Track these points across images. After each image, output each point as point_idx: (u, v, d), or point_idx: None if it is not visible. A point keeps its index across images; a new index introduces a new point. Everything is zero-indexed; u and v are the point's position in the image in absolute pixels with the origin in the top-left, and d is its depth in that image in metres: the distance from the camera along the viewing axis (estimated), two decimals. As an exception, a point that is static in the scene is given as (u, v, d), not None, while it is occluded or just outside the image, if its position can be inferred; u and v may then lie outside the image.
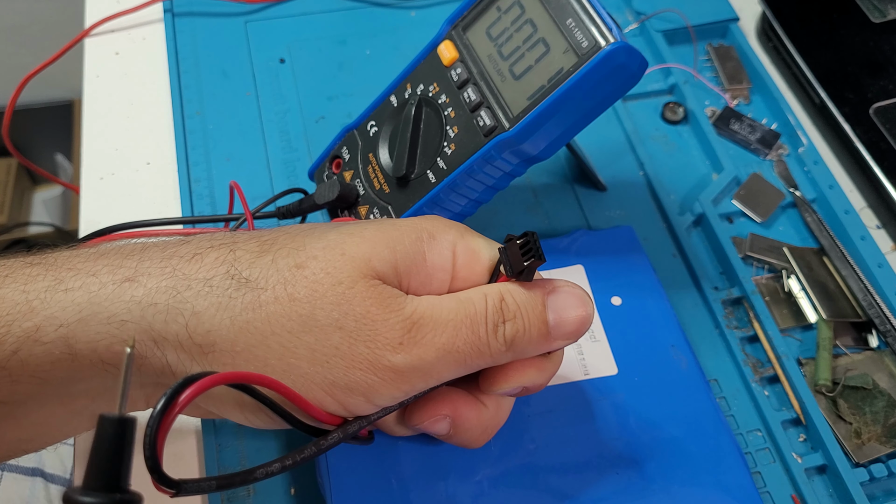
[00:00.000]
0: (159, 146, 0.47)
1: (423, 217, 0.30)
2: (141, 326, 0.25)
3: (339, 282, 0.25)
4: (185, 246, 0.27)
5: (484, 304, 0.27)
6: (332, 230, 0.27)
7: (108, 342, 0.25)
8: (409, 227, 0.28)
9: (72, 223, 1.20)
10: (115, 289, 0.25)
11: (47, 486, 0.44)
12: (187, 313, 0.25)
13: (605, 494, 0.34)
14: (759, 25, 0.55)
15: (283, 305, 0.25)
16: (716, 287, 0.43)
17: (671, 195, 0.47)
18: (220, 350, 0.25)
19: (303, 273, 0.26)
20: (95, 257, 0.26)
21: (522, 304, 0.28)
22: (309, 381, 0.25)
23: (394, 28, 0.53)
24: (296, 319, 0.25)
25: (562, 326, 0.28)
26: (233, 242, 0.27)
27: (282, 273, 0.26)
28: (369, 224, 0.28)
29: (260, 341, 0.25)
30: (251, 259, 0.26)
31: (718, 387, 0.40)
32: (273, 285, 0.25)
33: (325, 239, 0.27)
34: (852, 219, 0.45)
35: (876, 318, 0.42)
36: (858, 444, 0.38)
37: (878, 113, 0.48)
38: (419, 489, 0.33)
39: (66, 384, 0.26)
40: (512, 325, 0.27)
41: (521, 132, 0.34)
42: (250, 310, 0.25)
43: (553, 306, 0.28)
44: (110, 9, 0.53)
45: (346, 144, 0.40)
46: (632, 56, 0.32)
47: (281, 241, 0.27)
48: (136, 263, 0.26)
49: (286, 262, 0.26)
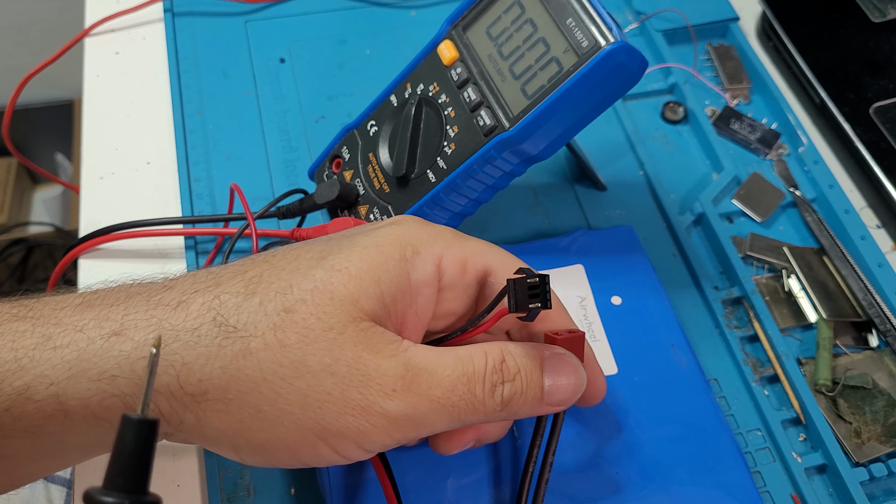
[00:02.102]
0: (159, 146, 0.47)
1: (409, 226, 0.29)
2: (132, 381, 0.25)
3: (330, 327, 0.25)
4: (169, 293, 0.26)
5: (483, 362, 0.27)
6: (319, 265, 0.27)
7: (99, 398, 0.25)
8: (392, 247, 0.28)
9: (72, 223, 1.20)
10: (104, 343, 0.25)
11: (47, 486, 0.44)
12: (178, 365, 0.25)
13: (605, 494, 0.34)
14: (759, 25, 0.55)
15: (273, 352, 0.25)
16: (716, 287, 0.43)
17: (671, 195, 0.47)
18: (213, 398, 0.25)
19: (292, 318, 0.25)
20: (82, 309, 0.26)
21: (523, 366, 0.28)
22: (301, 427, 0.25)
23: (394, 28, 0.53)
24: (287, 366, 0.25)
25: (555, 394, 0.28)
26: (217, 285, 0.27)
27: (270, 318, 0.25)
28: (354, 252, 0.27)
29: (252, 388, 0.25)
30: (238, 302, 0.26)
31: (718, 386, 0.40)
32: (263, 332, 0.25)
33: (313, 279, 0.26)
34: (852, 218, 0.45)
35: (876, 317, 0.42)
36: (858, 444, 0.38)
37: (878, 113, 0.48)
38: (419, 489, 0.33)
39: (60, 438, 0.26)
40: (511, 387, 0.27)
41: (521, 132, 0.34)
42: (241, 357, 0.25)
43: (549, 372, 0.28)
44: (110, 8, 0.53)
45: (346, 144, 0.40)
46: (632, 56, 0.32)
47: (266, 278, 0.26)
48: (122, 315, 0.26)
49: (274, 305, 0.26)
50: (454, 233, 0.30)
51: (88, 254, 0.42)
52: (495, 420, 0.28)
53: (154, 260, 0.43)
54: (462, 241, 0.29)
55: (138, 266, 0.42)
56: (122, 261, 0.43)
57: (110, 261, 0.43)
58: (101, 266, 0.42)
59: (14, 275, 1.13)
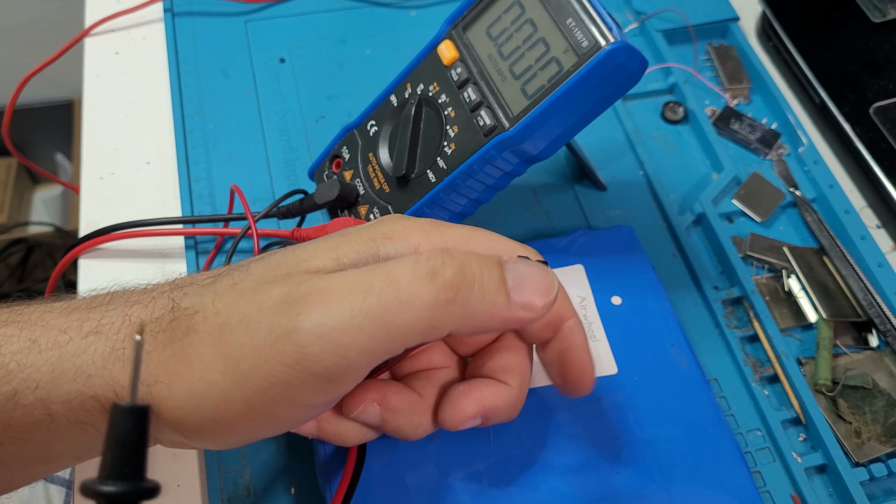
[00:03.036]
0: (159, 146, 0.47)
1: (385, 219, 0.28)
2: (104, 379, 0.25)
3: (262, 283, 0.25)
4: (147, 294, 0.26)
5: (414, 258, 0.24)
6: (281, 251, 0.27)
7: (79, 400, 0.24)
8: (360, 232, 0.27)
9: (72, 223, 1.20)
10: (81, 342, 0.25)
11: (47, 486, 0.44)
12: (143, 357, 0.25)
13: (605, 494, 0.34)
14: (759, 25, 0.55)
15: (208, 322, 0.24)
16: (716, 287, 0.43)
17: (671, 195, 0.47)
18: (162, 383, 0.24)
19: (234, 288, 0.25)
20: (67, 312, 0.26)
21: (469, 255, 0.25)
22: (227, 398, 0.24)
23: (394, 28, 0.53)
24: (214, 332, 0.24)
25: (523, 288, 0.25)
26: (189, 283, 0.27)
27: (217, 294, 0.25)
28: (319, 239, 0.27)
29: (186, 366, 0.24)
30: (197, 290, 0.26)
31: (718, 386, 0.40)
32: (204, 307, 0.25)
33: (270, 259, 0.26)
34: (852, 218, 0.45)
35: (876, 317, 0.42)
36: (858, 444, 0.38)
37: (878, 112, 0.48)
38: (419, 488, 0.33)
39: (49, 445, 0.26)
40: (455, 269, 0.24)
41: (521, 132, 0.34)
42: (186, 335, 0.25)
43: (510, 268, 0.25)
44: (110, 8, 0.53)
45: (346, 144, 0.40)
46: (632, 56, 0.32)
47: (233, 268, 0.26)
48: (101, 315, 0.26)
49: (223, 283, 0.25)
50: (433, 223, 0.28)
51: (88, 254, 0.42)
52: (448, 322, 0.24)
53: (154, 260, 0.43)
54: (442, 230, 0.28)
55: (138, 266, 0.42)
56: (122, 261, 0.43)
57: (110, 261, 0.43)
58: (101, 266, 0.42)
59: (14, 275, 1.13)
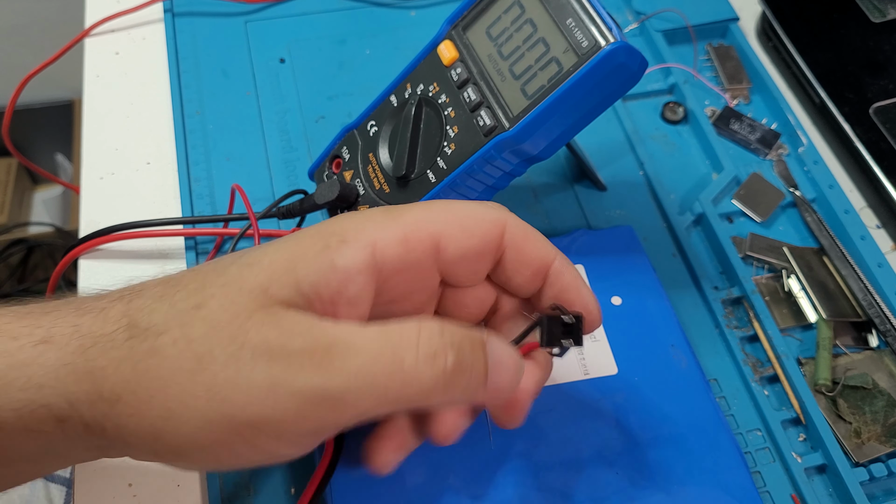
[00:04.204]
0: (159, 146, 0.47)
1: (337, 218, 0.28)
2: (56, 390, 0.24)
3: (237, 315, 0.24)
4: (98, 301, 0.26)
5: (416, 330, 0.25)
6: (235, 262, 0.26)
7: (30, 408, 0.24)
8: (314, 238, 0.26)
9: (72, 223, 1.20)
10: (31, 350, 0.25)
11: (47, 485, 0.44)
12: (96, 371, 0.24)
13: (605, 494, 0.34)
14: (759, 25, 0.55)
15: (180, 348, 0.24)
16: (716, 287, 0.43)
17: (671, 195, 0.47)
18: (125, 402, 0.24)
19: (200, 313, 0.25)
20: (20, 317, 0.26)
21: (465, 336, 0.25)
22: (209, 422, 0.24)
23: (394, 28, 0.53)
24: (193, 359, 0.24)
25: (498, 374, 0.26)
26: (140, 292, 0.26)
27: (180, 316, 0.25)
28: (270, 246, 0.26)
29: (160, 388, 0.24)
30: (152, 305, 0.25)
31: (718, 386, 0.40)
32: (170, 329, 0.24)
33: (226, 275, 0.26)
34: (852, 218, 0.45)
35: (876, 317, 0.42)
36: (858, 444, 0.38)
37: (878, 113, 0.48)
38: (419, 488, 0.33)
39: (2, 450, 0.25)
40: (455, 356, 0.25)
41: (521, 132, 0.34)
42: (149, 357, 0.24)
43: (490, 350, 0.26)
44: (110, 9, 0.53)
45: (346, 144, 0.40)
46: (632, 56, 0.32)
47: (185, 282, 0.26)
48: (52, 322, 0.25)
49: (185, 303, 0.25)
50: (386, 212, 0.27)
51: (88, 254, 0.42)
52: (435, 403, 0.25)
53: (154, 260, 0.43)
54: (395, 218, 0.27)
55: (138, 266, 0.42)
56: (122, 261, 0.43)
57: (110, 261, 0.43)
58: (101, 266, 0.42)
59: (14, 275, 1.13)
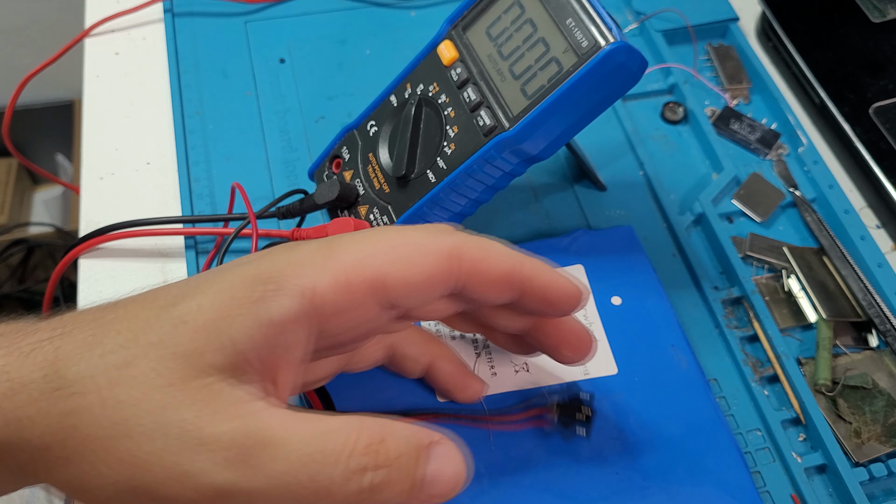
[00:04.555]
0: (159, 146, 0.47)
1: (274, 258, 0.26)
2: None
3: (170, 384, 0.23)
4: (30, 336, 0.25)
5: (353, 440, 0.24)
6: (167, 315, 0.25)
7: None
8: (245, 288, 0.25)
9: (72, 223, 1.20)
10: None
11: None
12: (24, 420, 0.24)
13: (605, 494, 0.34)
14: (759, 25, 0.55)
15: (107, 409, 0.23)
16: (716, 287, 0.43)
17: (671, 195, 0.47)
18: (53, 456, 0.24)
19: (131, 373, 0.24)
20: None
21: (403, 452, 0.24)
22: (131, 489, 0.23)
23: (394, 28, 0.53)
24: (120, 423, 0.23)
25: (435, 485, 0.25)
26: (70, 331, 0.25)
27: (108, 373, 0.24)
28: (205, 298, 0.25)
29: (86, 446, 0.23)
30: (80, 353, 0.24)
31: (718, 386, 0.40)
32: (99, 388, 0.24)
33: (159, 331, 0.24)
34: (852, 218, 0.45)
35: (876, 317, 0.42)
36: (858, 444, 0.38)
37: (878, 113, 0.48)
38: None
39: None
40: (385, 474, 0.24)
41: (521, 132, 0.34)
42: (76, 413, 0.23)
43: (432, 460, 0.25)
44: (110, 9, 0.53)
45: (346, 144, 0.40)
46: (632, 56, 0.32)
47: (116, 327, 0.25)
48: None
49: (114, 358, 0.24)
50: (324, 250, 0.26)
51: (88, 254, 0.42)
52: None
53: (154, 260, 0.43)
54: (334, 256, 0.26)
55: (138, 266, 0.42)
56: (122, 260, 0.43)
57: (110, 260, 0.43)
58: (101, 266, 0.42)
59: (14, 275, 1.13)
